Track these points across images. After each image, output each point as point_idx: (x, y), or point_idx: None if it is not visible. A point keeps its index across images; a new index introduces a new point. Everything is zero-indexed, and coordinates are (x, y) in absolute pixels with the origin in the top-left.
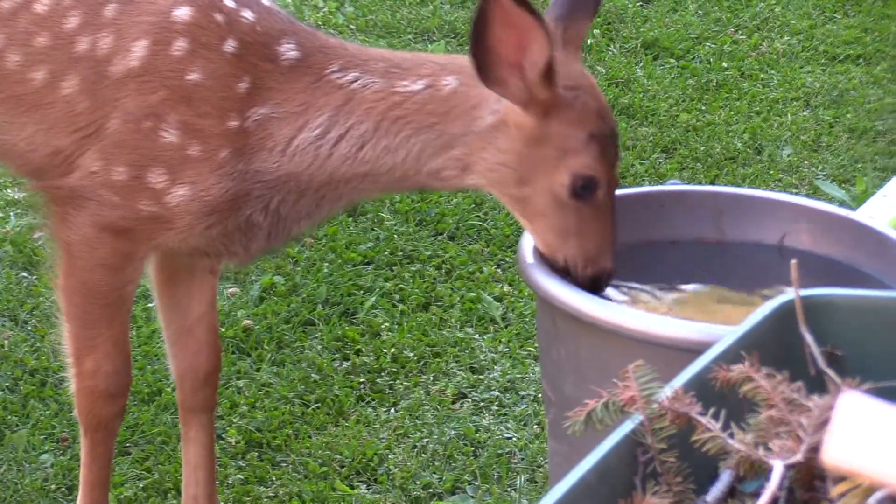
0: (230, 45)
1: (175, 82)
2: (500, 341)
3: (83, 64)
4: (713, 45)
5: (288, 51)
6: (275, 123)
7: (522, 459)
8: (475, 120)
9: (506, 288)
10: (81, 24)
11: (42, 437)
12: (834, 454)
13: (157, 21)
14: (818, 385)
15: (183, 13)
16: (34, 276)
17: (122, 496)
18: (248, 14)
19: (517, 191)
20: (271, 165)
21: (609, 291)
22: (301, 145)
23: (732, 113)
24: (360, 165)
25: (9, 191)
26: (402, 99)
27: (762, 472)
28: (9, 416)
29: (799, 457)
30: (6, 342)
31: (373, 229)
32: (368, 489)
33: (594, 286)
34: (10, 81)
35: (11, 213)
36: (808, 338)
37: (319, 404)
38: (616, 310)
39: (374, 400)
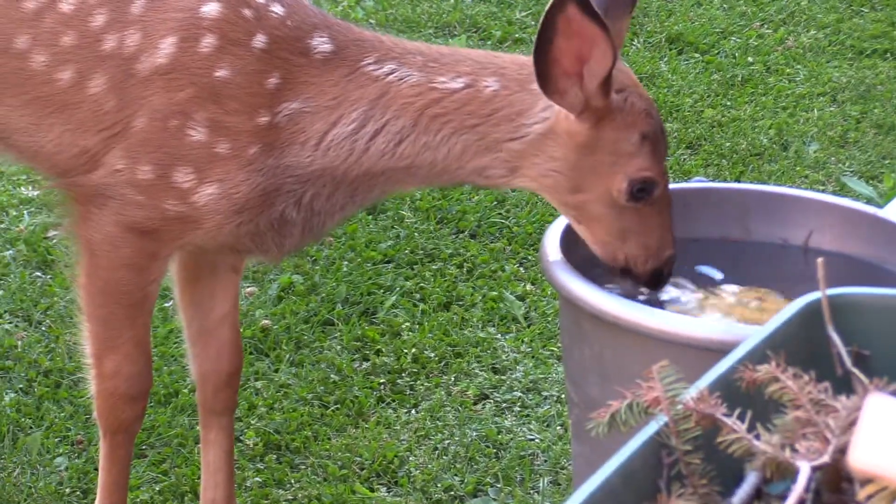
0: (259, 41)
1: (203, 79)
2: (522, 341)
3: (110, 62)
4: (738, 40)
5: (321, 44)
6: (307, 118)
7: (545, 461)
8: (520, 127)
9: (528, 287)
10: (108, 21)
11: (57, 439)
12: (861, 456)
13: (186, 17)
14: (845, 385)
15: (211, 9)
16: (48, 276)
17: (138, 499)
18: (277, 9)
19: (571, 198)
20: (304, 160)
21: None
22: (336, 140)
23: (758, 108)
24: (399, 160)
25: (23, 189)
26: (440, 96)
27: (788, 473)
28: (23, 419)
29: (826, 458)
30: (20, 343)
31: (393, 227)
32: (389, 492)
33: (656, 279)
34: (37, 82)
35: (25, 212)
36: (835, 338)
37: (339, 405)
38: (640, 309)
39: (394, 401)
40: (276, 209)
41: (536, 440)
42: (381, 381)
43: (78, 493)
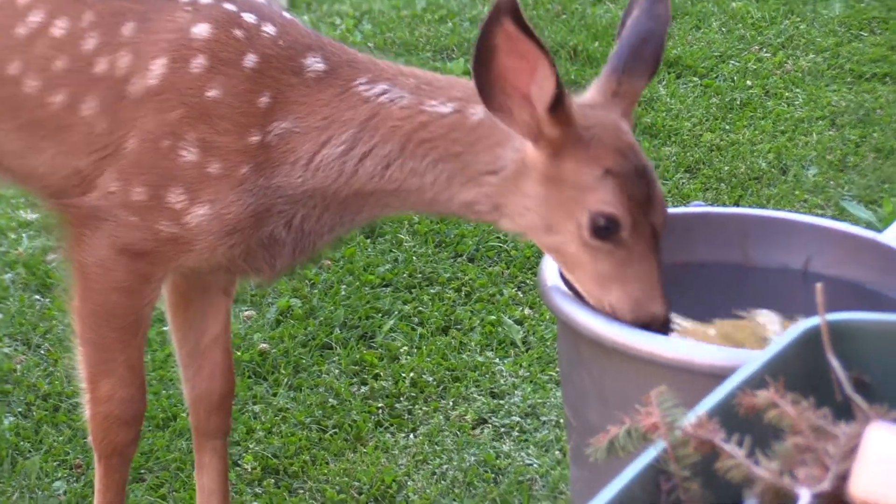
0: (250, 60)
1: (194, 100)
2: (520, 365)
3: (102, 85)
4: (737, 64)
5: (314, 63)
6: (297, 138)
7: (544, 486)
8: (498, 159)
9: (527, 311)
10: (99, 44)
11: (55, 463)
12: (863, 486)
13: (176, 38)
14: (845, 411)
15: (201, 30)
16: (47, 299)
17: None
18: (269, 28)
19: (549, 239)
20: (294, 180)
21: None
22: (325, 160)
23: (757, 132)
24: (387, 183)
25: (21, 212)
26: (428, 119)
27: (788, 500)
28: (21, 443)
29: (826, 485)
30: (19, 366)
31: (391, 251)
32: None
33: (646, 330)
34: (30, 106)
35: (24, 235)
36: (835, 363)
37: (337, 430)
38: (638, 335)
39: (392, 425)
40: (267, 229)
41: (535, 465)
42: (380, 405)
43: None
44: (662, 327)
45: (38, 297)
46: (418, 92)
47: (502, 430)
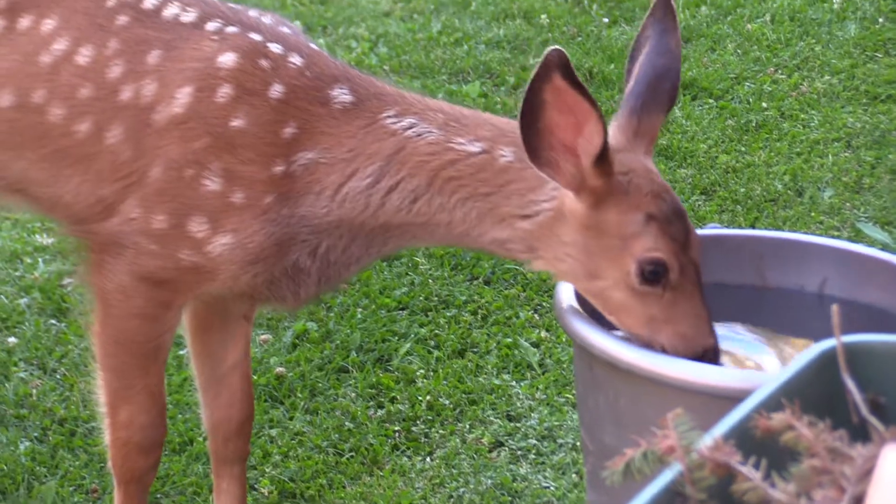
0: (276, 91)
1: (219, 129)
2: (537, 388)
3: (127, 113)
4: (753, 85)
5: (341, 94)
6: (323, 169)
7: None
8: (531, 204)
9: (543, 333)
10: (125, 72)
11: (71, 488)
12: None
13: (202, 67)
14: (861, 433)
15: (228, 59)
16: (63, 324)
17: None
18: (295, 59)
19: (590, 285)
20: (319, 210)
21: None
22: (351, 192)
23: (773, 154)
24: (416, 217)
25: (37, 236)
26: (456, 157)
27: None
28: (37, 467)
29: None
30: (35, 391)
31: (407, 274)
32: None
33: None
34: (55, 135)
35: (40, 260)
36: (851, 385)
37: (354, 453)
38: (654, 357)
39: (409, 448)
40: (290, 258)
41: (552, 488)
42: (396, 428)
43: None
44: (714, 357)
45: (53, 321)
46: (446, 128)
47: (519, 453)
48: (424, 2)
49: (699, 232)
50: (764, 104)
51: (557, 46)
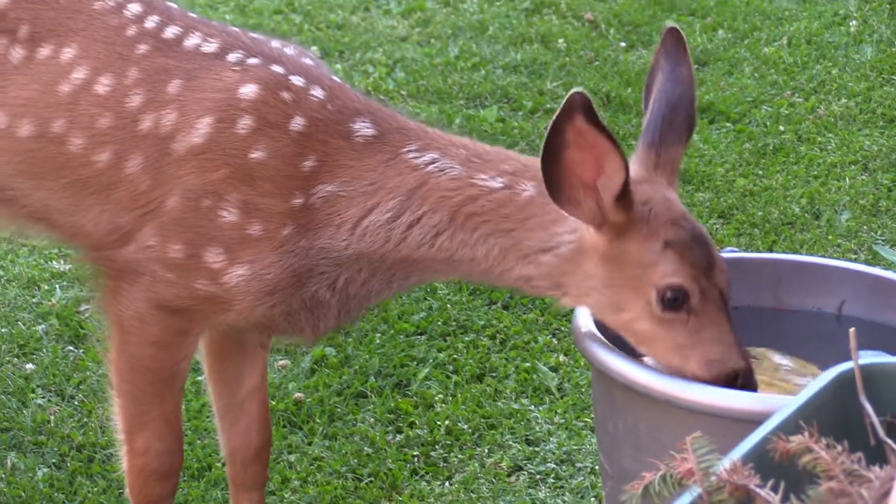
0: (297, 123)
1: (238, 160)
2: (555, 412)
3: (147, 142)
4: (770, 109)
5: (363, 128)
6: (343, 202)
7: None
8: (554, 237)
9: (561, 358)
10: (144, 101)
11: None
12: None
13: (223, 98)
14: (878, 455)
15: (249, 91)
16: (81, 350)
17: None
18: (317, 92)
19: (617, 318)
20: (339, 243)
21: None
22: (371, 227)
23: (790, 177)
24: (438, 252)
25: (54, 263)
26: (478, 193)
27: None
28: (56, 494)
29: None
30: (53, 417)
31: (426, 299)
32: None
33: (733, 387)
34: (76, 165)
35: (57, 286)
36: (868, 407)
37: (373, 478)
38: (673, 381)
39: (428, 473)
40: (309, 290)
41: None
42: (415, 453)
43: None
44: (747, 380)
45: (71, 347)
46: (468, 164)
47: (538, 477)
48: (441, 26)
49: None
50: (781, 127)
51: (580, 89)
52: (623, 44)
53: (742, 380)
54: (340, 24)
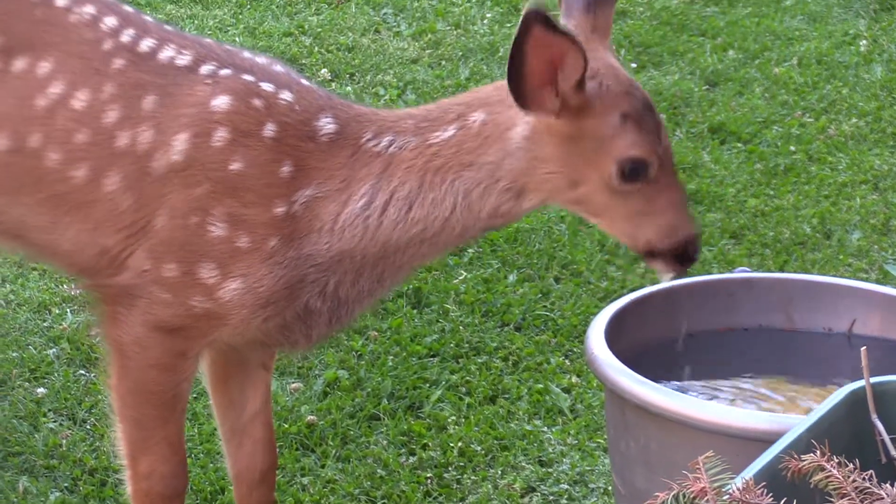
0: (269, 130)
1: (218, 174)
2: (568, 433)
3: (125, 160)
4: (780, 129)
5: (326, 125)
6: (320, 203)
7: None
8: (509, 140)
9: (574, 379)
10: (121, 118)
11: None
12: None
13: (197, 113)
14: (890, 473)
15: (221, 102)
16: (92, 374)
17: None
18: (286, 95)
19: (574, 194)
20: (322, 247)
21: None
22: (348, 220)
23: (801, 197)
24: (411, 227)
25: (65, 287)
26: (437, 149)
27: None
28: None
29: None
30: (64, 441)
31: (438, 321)
32: None
33: (681, 258)
34: (51, 180)
35: (68, 310)
36: (879, 425)
37: (386, 500)
38: (685, 400)
39: (441, 495)
40: (301, 301)
41: None
42: (428, 475)
43: None
44: (696, 247)
45: (82, 371)
46: (420, 131)
47: (551, 498)
48: (452, 48)
49: (727, 276)
50: (792, 147)
51: (534, 5)
52: (634, 64)
53: (692, 247)
54: (351, 47)
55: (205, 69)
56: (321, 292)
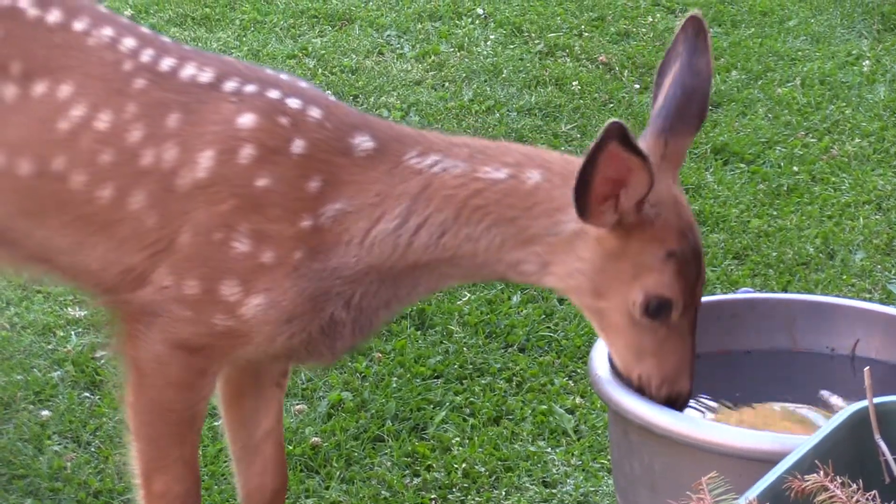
0: (298, 146)
1: (244, 190)
2: (572, 454)
3: (149, 178)
4: (783, 149)
5: (363, 142)
6: (351, 217)
7: None
8: (558, 224)
9: (578, 400)
10: (145, 136)
11: None
12: None
13: (222, 130)
14: (893, 493)
15: (247, 120)
16: (97, 397)
17: None
18: (314, 112)
19: (593, 302)
20: (350, 259)
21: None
22: (379, 236)
23: (804, 218)
24: (441, 252)
25: (69, 309)
26: (483, 186)
27: None
28: None
29: None
30: (69, 464)
31: (442, 342)
32: None
33: (668, 406)
34: (77, 202)
35: (73, 333)
36: (883, 445)
37: None
38: (688, 421)
39: None
40: (326, 313)
41: None
42: (432, 496)
43: None
44: (683, 404)
45: (87, 394)
46: (471, 160)
47: None
48: (455, 70)
49: (730, 296)
50: (795, 168)
51: (618, 120)
52: (637, 86)
53: (680, 403)
54: (354, 69)
55: (228, 86)
56: (346, 303)
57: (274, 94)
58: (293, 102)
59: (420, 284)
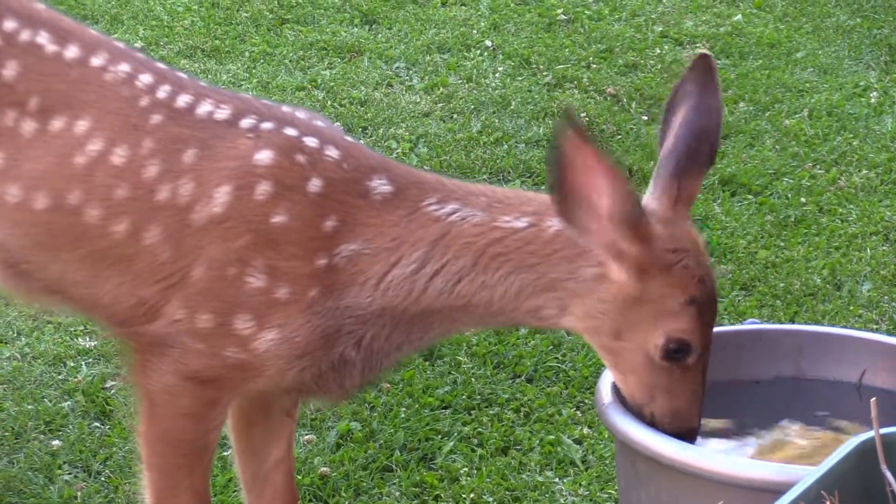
0: (315, 185)
1: (260, 226)
2: (580, 484)
3: (165, 213)
4: (791, 181)
5: (380, 185)
6: (366, 259)
7: None
8: (579, 269)
9: (585, 430)
10: (161, 172)
11: None
12: None
13: (239, 166)
14: None
15: (265, 157)
16: (107, 426)
17: None
18: (332, 152)
19: (611, 342)
20: (364, 301)
21: None
22: (395, 280)
23: (811, 249)
24: (455, 299)
25: (80, 340)
26: (502, 235)
27: None
28: None
29: None
30: (79, 494)
31: (450, 373)
32: None
33: (674, 436)
34: (92, 236)
35: (83, 363)
36: (889, 476)
37: None
38: (696, 452)
39: None
40: (337, 350)
41: None
42: None
43: None
44: (692, 439)
45: (97, 424)
46: (491, 209)
47: None
48: (464, 102)
49: (739, 328)
50: (802, 199)
51: (569, 106)
52: (645, 117)
53: (687, 437)
54: (363, 101)
55: (245, 123)
56: (357, 343)
57: (291, 132)
58: (310, 141)
59: (432, 330)
